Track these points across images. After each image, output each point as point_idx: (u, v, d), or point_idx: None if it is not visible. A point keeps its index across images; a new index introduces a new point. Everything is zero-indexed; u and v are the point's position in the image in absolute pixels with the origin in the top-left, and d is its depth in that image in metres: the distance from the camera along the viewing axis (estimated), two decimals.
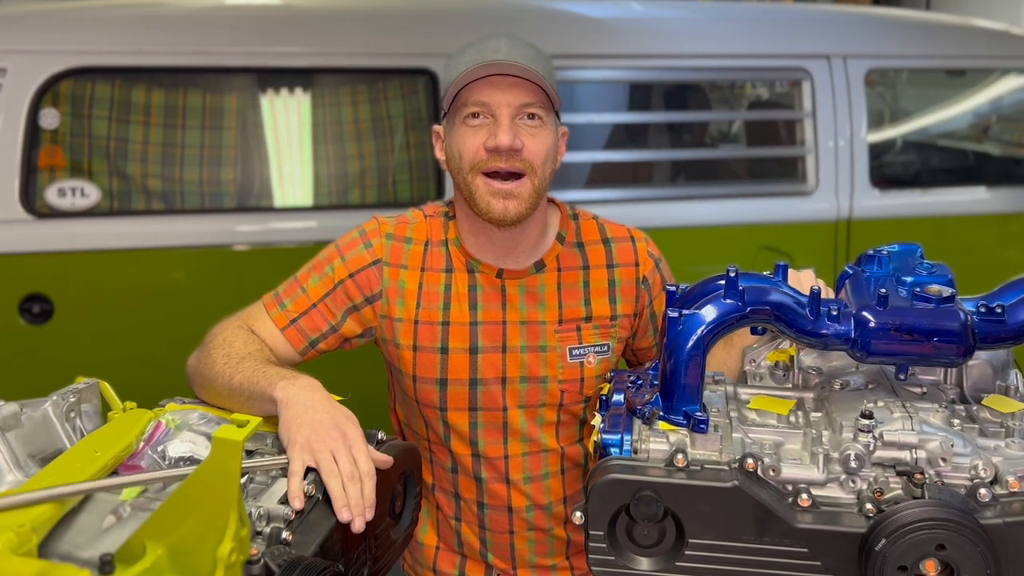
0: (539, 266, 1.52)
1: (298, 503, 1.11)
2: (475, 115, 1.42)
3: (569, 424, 1.55)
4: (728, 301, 1.16)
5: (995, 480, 1.08)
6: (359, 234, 1.54)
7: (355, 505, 1.14)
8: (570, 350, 1.51)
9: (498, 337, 1.49)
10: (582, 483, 1.56)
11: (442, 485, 1.58)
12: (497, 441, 1.52)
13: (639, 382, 1.26)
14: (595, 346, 1.52)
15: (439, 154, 1.52)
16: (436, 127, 1.53)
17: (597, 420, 1.19)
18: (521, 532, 1.56)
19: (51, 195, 2.41)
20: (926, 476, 1.07)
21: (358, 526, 1.14)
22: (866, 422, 1.11)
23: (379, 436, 1.27)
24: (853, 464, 1.08)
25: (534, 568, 1.59)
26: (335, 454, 1.17)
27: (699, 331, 1.15)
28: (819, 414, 1.19)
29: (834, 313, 1.16)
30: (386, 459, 1.22)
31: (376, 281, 1.50)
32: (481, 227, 1.49)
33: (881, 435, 1.10)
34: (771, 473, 1.08)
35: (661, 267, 1.60)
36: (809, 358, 1.35)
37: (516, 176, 1.42)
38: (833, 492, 1.09)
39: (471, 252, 1.52)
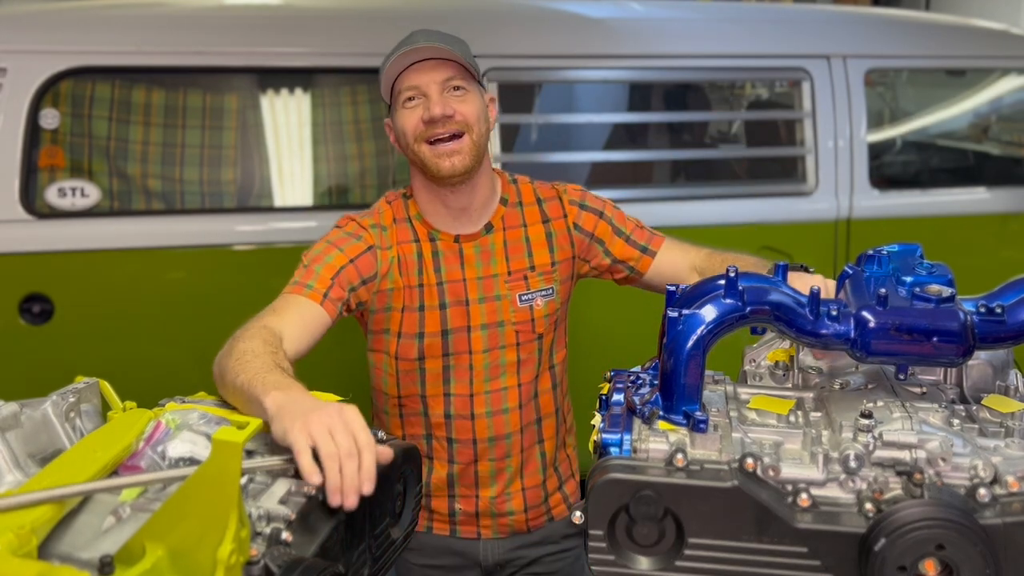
0: (488, 228, 1.75)
1: (316, 477, 1.10)
2: (410, 98, 1.64)
3: (528, 363, 1.77)
4: (728, 301, 1.16)
5: (995, 480, 1.07)
6: (346, 234, 1.69)
7: (349, 485, 1.12)
8: (519, 296, 1.74)
9: (460, 293, 1.72)
10: (535, 415, 1.79)
11: (413, 432, 1.77)
12: (465, 380, 1.73)
13: (639, 382, 1.26)
14: (541, 291, 1.76)
15: (393, 142, 1.73)
16: (387, 120, 1.73)
17: (597, 420, 1.19)
18: (483, 460, 1.77)
19: (51, 195, 2.41)
20: (925, 476, 1.07)
21: (350, 503, 1.11)
22: (866, 422, 1.11)
23: (379, 435, 1.27)
24: (853, 464, 1.08)
25: (493, 498, 1.79)
26: (332, 431, 1.14)
27: (699, 331, 1.15)
28: (819, 414, 1.19)
29: (834, 313, 1.16)
30: (387, 451, 1.21)
31: (372, 265, 1.68)
32: (436, 193, 1.70)
33: (881, 435, 1.10)
34: (771, 473, 1.08)
35: (587, 204, 1.81)
36: (809, 358, 1.35)
37: (456, 137, 1.62)
38: (833, 492, 1.09)
39: (431, 223, 1.73)
